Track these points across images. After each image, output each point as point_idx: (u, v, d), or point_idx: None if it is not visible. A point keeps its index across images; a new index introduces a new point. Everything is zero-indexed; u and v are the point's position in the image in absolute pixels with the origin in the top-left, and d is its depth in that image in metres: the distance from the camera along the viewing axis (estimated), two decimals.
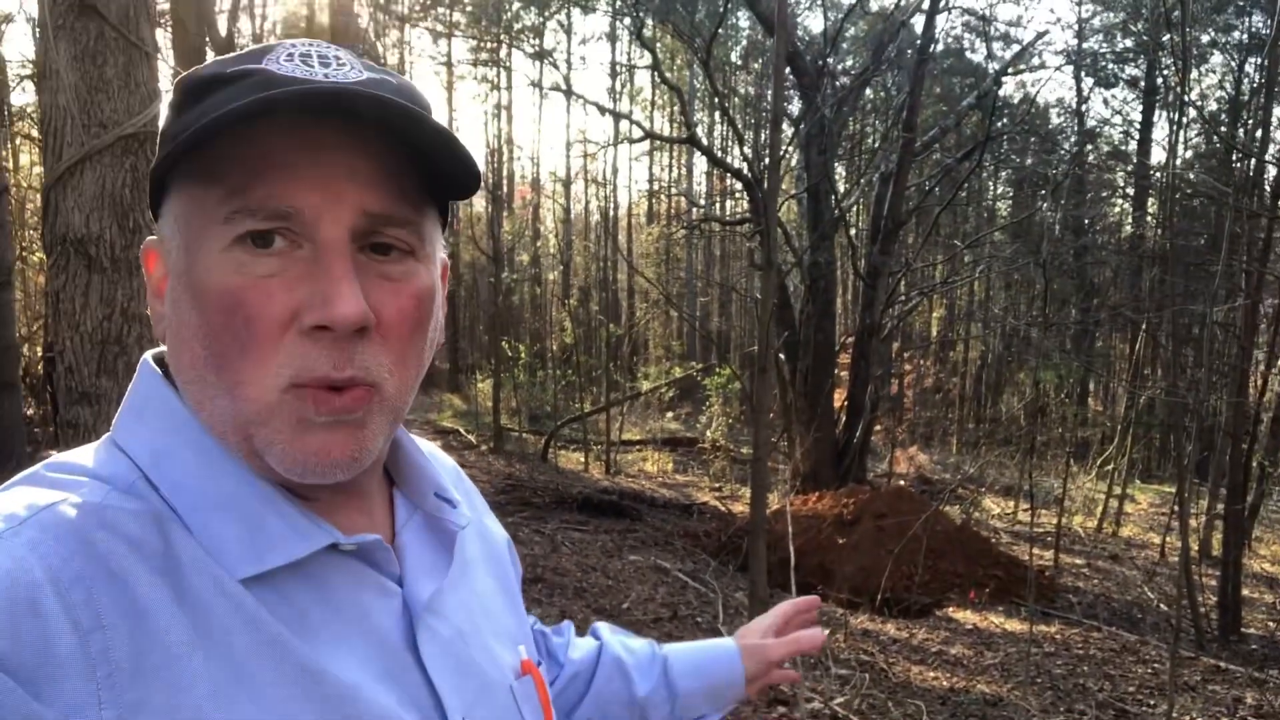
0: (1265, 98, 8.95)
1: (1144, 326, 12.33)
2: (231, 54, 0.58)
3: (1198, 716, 4.71)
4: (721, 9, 11.44)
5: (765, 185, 6.43)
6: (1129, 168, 20.74)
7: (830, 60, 12.62)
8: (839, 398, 11.68)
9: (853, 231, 12.85)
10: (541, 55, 25.12)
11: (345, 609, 0.57)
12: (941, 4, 11.28)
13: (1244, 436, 7.15)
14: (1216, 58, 18.41)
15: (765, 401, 6.28)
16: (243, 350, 0.53)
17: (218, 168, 0.54)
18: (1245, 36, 17.32)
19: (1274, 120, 9.09)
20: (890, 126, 13.07)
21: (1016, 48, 14.76)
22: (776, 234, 7.06)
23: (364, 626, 0.58)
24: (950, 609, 6.88)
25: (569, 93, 20.70)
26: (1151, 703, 4.91)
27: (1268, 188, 8.31)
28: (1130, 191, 20.36)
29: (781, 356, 10.56)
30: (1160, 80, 19.12)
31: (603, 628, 1.01)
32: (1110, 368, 18.99)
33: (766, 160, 6.28)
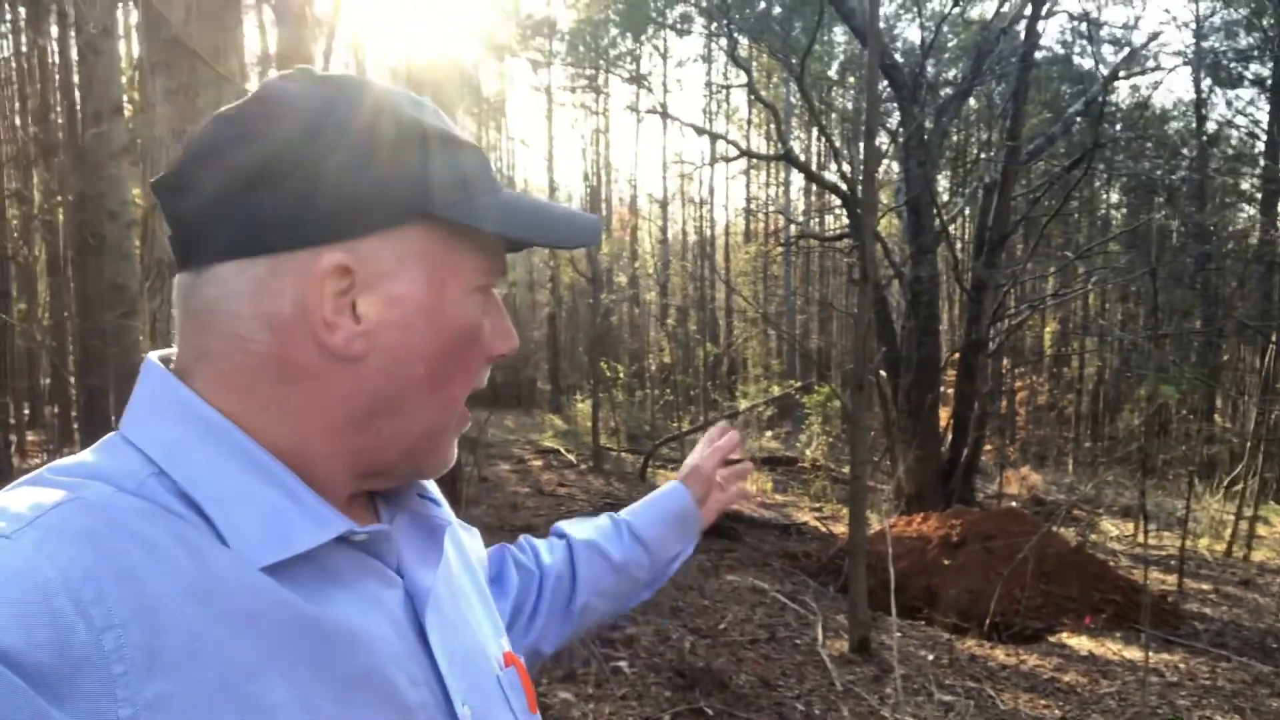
0: None
1: (1274, 338, 11.60)
2: (406, 93, 0.66)
3: None
4: (816, 24, 11.35)
5: (861, 198, 6.35)
6: (1256, 170, 19.60)
7: (929, 70, 12.39)
8: (944, 416, 11.36)
9: (957, 245, 12.49)
10: (638, 79, 25.45)
11: (356, 595, 0.60)
12: (1044, 10, 10.92)
13: None
14: None
15: (863, 419, 6.17)
16: (467, 373, 0.67)
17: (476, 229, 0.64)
18: None
19: None
20: (994, 136, 12.71)
21: (1128, 50, 14.18)
22: (874, 248, 6.95)
23: (373, 613, 0.60)
24: (1064, 635, 6.57)
25: (665, 115, 20.86)
26: None
27: None
28: (1258, 196, 19.23)
29: (882, 373, 10.35)
30: None
31: (563, 525, 1.13)
32: (1238, 381, 17.91)
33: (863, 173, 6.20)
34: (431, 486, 0.79)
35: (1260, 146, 20.47)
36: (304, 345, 0.59)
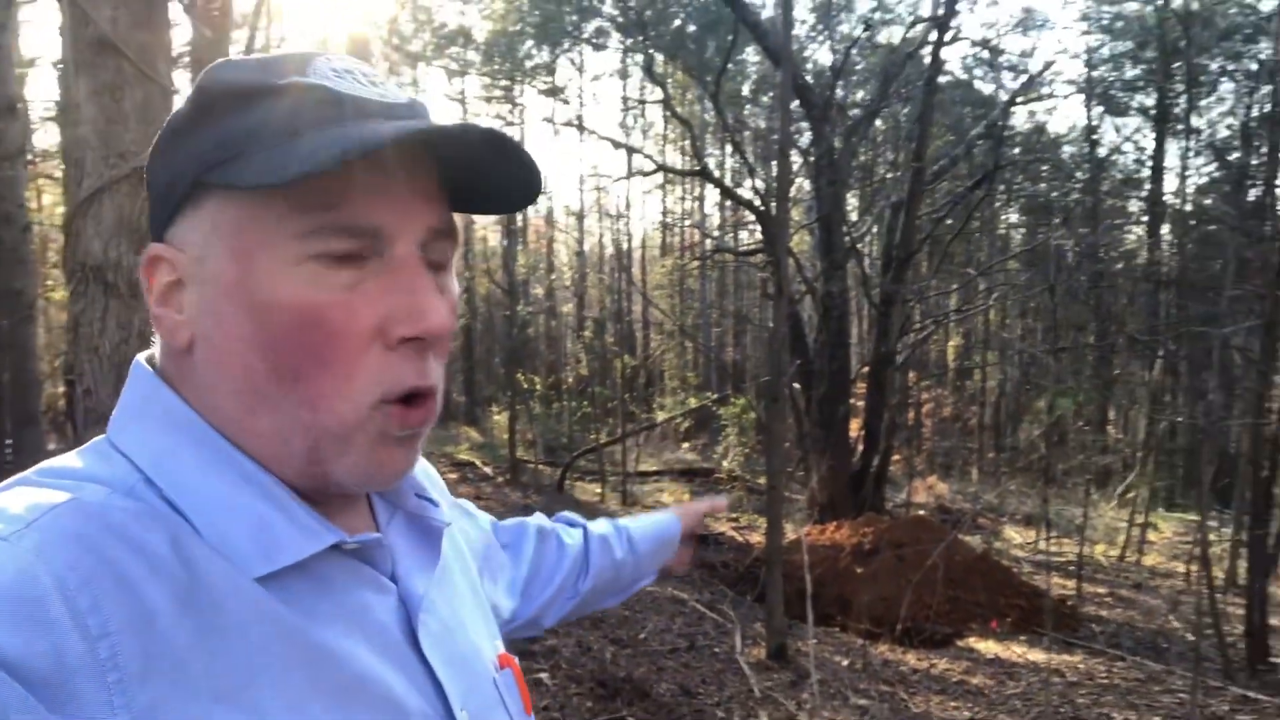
0: (1272, 124, 8.94)
1: (1160, 352, 12.24)
2: (256, 57, 0.58)
3: None
4: (730, 43, 11.56)
5: (774, 214, 6.48)
6: (1142, 194, 20.70)
7: (840, 91, 12.73)
8: (855, 427, 11.63)
9: (866, 261, 12.84)
10: (554, 92, 25.44)
11: (348, 606, 0.58)
12: (948, 37, 11.36)
13: (1264, 462, 7.06)
14: (1226, 85, 18.40)
15: (778, 430, 6.27)
16: (324, 365, 0.54)
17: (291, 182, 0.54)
18: (1255, 64, 17.33)
19: None
20: (900, 156, 13.13)
21: (1026, 77, 14.84)
22: (787, 263, 7.09)
23: (366, 622, 0.59)
24: (971, 639, 6.79)
25: (581, 128, 20.93)
26: None
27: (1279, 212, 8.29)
28: (1145, 219, 20.29)
29: (796, 386, 10.54)
30: (1171, 108, 19.14)
31: (569, 517, 1.16)
32: (1130, 394, 18.83)
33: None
34: (432, 483, 0.78)
35: (1146, 172, 21.67)
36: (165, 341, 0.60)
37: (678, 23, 18.30)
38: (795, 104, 10.45)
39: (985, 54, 18.24)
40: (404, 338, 0.56)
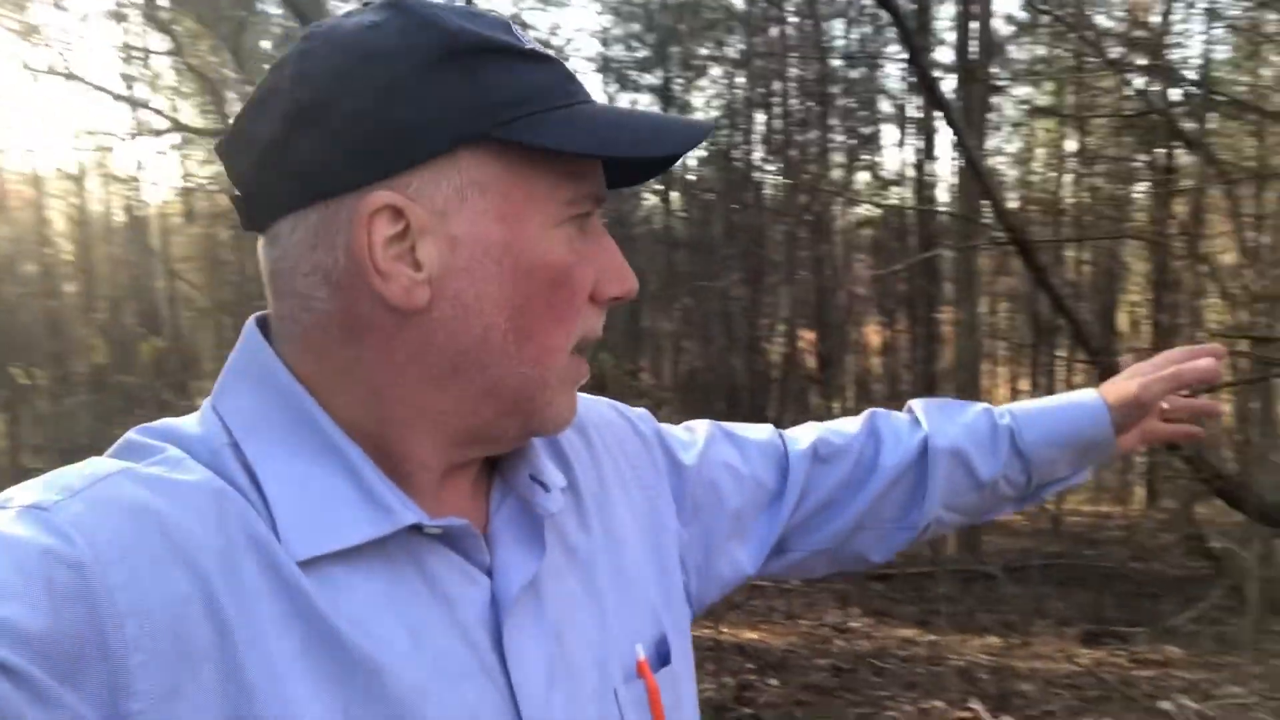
0: (748, 106, 10.64)
1: (676, 306, 14.00)
2: (458, 6, 0.57)
3: None
4: None
5: None
6: None
7: None
8: None
9: None
10: (29, 31, 21.52)
11: (426, 596, 0.55)
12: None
13: (759, 393, 8.48)
14: (715, 70, 21.28)
15: None
16: (559, 320, 0.57)
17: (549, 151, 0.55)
18: (735, 53, 20.26)
19: (758, 128, 10.84)
20: None
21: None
22: None
23: (445, 617, 0.55)
24: None
25: (70, 76, 18.00)
26: None
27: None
28: (660, 187, 22.84)
29: None
30: (671, 88, 21.66)
31: (924, 414, 0.89)
32: (656, 344, 21.27)
33: None
34: (550, 462, 0.67)
35: None
36: (363, 299, 0.54)
37: None
38: None
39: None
40: (611, 296, 0.60)
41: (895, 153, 16.13)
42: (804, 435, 0.87)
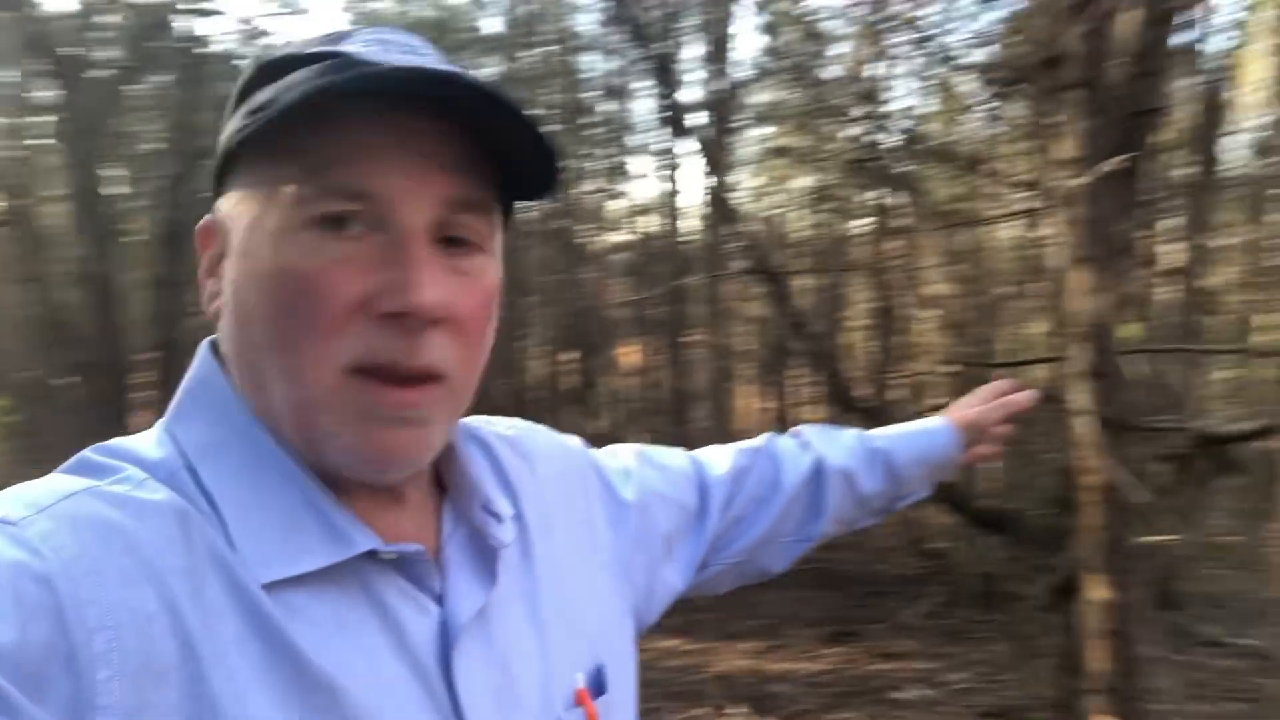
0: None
1: None
2: (303, 39, 0.57)
3: None
4: None
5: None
6: None
7: (87, 51, 11.26)
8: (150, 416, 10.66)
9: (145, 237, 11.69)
10: None
11: (377, 622, 0.54)
12: (205, 7, 10.95)
13: (520, 414, 8.58)
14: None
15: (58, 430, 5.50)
16: (306, 332, 0.52)
17: (294, 144, 0.51)
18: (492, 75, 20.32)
19: None
20: (172, 129, 12.18)
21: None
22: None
23: (394, 643, 0.55)
24: None
25: None
26: None
27: None
28: None
29: (70, 379, 9.24)
30: None
31: (810, 437, 0.97)
32: None
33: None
34: (522, 489, 0.69)
35: None
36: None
37: None
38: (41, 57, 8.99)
39: (250, 31, 17.89)
40: (386, 312, 0.51)
41: (647, 182, 16.80)
42: (716, 457, 0.93)
